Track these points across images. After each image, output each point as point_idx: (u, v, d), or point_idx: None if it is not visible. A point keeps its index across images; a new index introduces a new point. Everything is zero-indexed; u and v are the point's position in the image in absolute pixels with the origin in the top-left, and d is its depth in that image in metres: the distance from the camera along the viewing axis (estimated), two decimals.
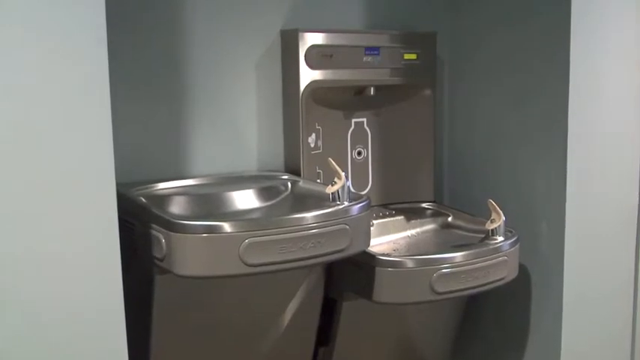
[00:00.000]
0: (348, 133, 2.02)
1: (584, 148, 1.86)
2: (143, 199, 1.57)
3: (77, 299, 1.25)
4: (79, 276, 1.24)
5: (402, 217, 1.99)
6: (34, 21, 1.17)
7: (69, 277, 1.24)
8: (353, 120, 2.02)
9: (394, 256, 1.70)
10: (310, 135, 1.91)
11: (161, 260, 1.43)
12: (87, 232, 1.24)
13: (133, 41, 1.70)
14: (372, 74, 1.96)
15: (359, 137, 2.03)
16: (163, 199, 1.62)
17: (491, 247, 1.74)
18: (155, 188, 1.69)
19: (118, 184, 1.27)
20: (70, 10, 1.19)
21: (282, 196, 1.73)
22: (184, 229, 1.39)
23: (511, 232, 1.80)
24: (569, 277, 1.88)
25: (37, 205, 1.20)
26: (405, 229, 1.96)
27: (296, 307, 1.72)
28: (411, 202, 2.10)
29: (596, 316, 1.98)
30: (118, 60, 1.35)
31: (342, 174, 1.55)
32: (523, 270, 1.91)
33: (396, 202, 2.08)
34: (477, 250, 1.72)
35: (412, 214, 2.02)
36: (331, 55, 1.87)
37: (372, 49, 1.94)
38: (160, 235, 1.42)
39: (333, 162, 1.59)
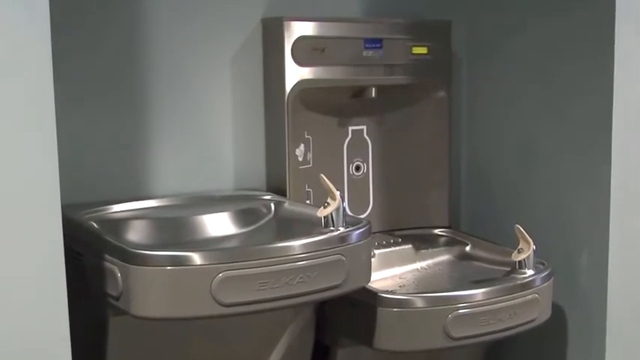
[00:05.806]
0: (344, 143, 2.04)
1: (632, 163, 1.88)
2: (94, 225, 1.58)
3: (14, 346, 1.25)
4: (16, 316, 1.25)
5: (409, 245, 2.01)
6: None
7: (3, 319, 1.24)
8: (350, 128, 2.04)
9: (400, 294, 1.72)
10: (298, 146, 1.93)
11: (116, 299, 1.44)
12: (26, 264, 1.25)
13: (82, 37, 1.72)
14: (374, 72, 1.98)
15: (357, 149, 2.05)
16: (119, 224, 1.64)
17: (518, 282, 1.75)
18: (109, 211, 1.70)
19: (63, 207, 1.28)
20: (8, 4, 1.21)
21: (264, 220, 1.75)
22: (144, 261, 1.40)
23: (543, 264, 1.82)
24: (614, 318, 1.89)
25: None
26: (413, 261, 1.98)
27: (281, 355, 1.72)
28: (420, 227, 2.12)
29: None
30: (63, 61, 1.37)
31: (337, 193, 1.57)
32: (558, 310, 1.93)
33: (402, 228, 2.10)
34: (501, 286, 1.74)
35: (422, 242, 2.04)
36: (323, 49, 1.89)
37: (373, 42, 1.96)
38: (114, 267, 1.44)
39: (326, 179, 1.60)
